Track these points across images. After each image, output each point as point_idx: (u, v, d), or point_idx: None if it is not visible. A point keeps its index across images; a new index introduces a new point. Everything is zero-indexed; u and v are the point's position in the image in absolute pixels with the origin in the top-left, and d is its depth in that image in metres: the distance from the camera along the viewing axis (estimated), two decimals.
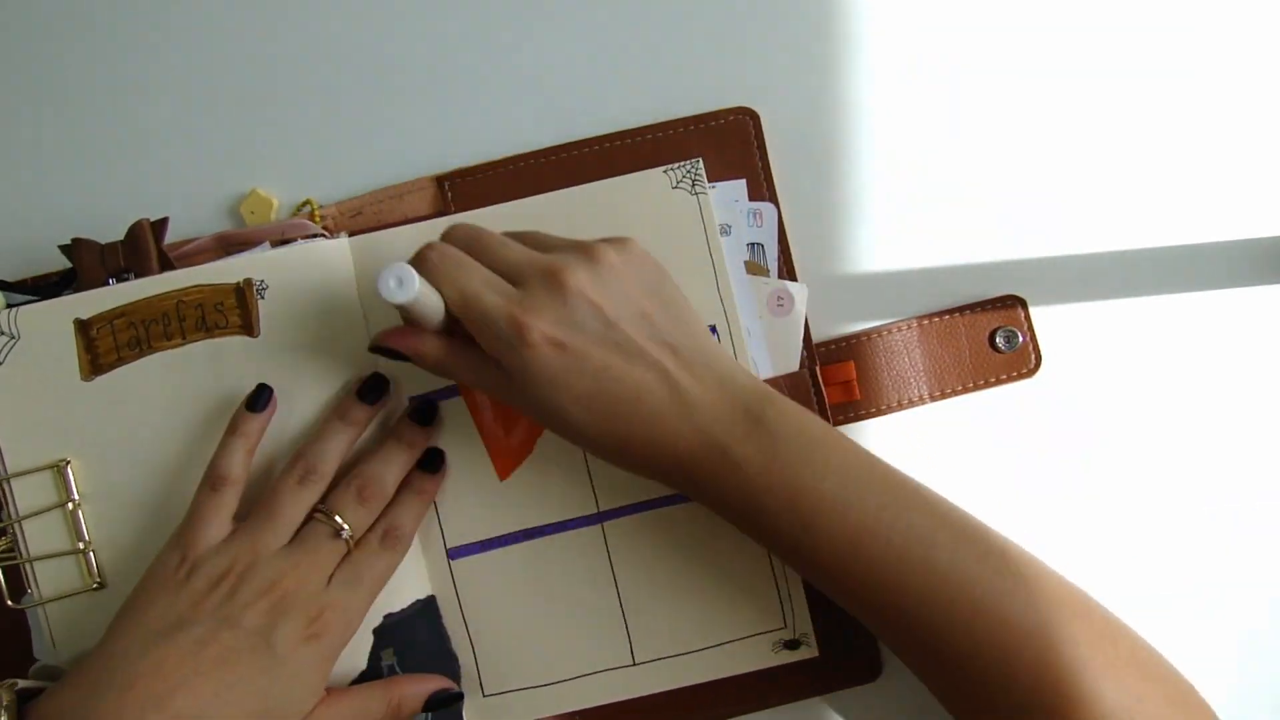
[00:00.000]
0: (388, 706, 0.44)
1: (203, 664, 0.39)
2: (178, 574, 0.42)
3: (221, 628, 0.40)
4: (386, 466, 0.45)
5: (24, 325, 0.46)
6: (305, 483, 0.44)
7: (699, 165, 0.48)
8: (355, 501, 0.44)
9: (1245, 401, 0.50)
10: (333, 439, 0.45)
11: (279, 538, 0.43)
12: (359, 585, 0.43)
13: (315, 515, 0.44)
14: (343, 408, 0.45)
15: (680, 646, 0.47)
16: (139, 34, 0.51)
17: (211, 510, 0.43)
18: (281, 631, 0.41)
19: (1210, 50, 0.51)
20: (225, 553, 0.42)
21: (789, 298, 0.48)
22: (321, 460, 0.44)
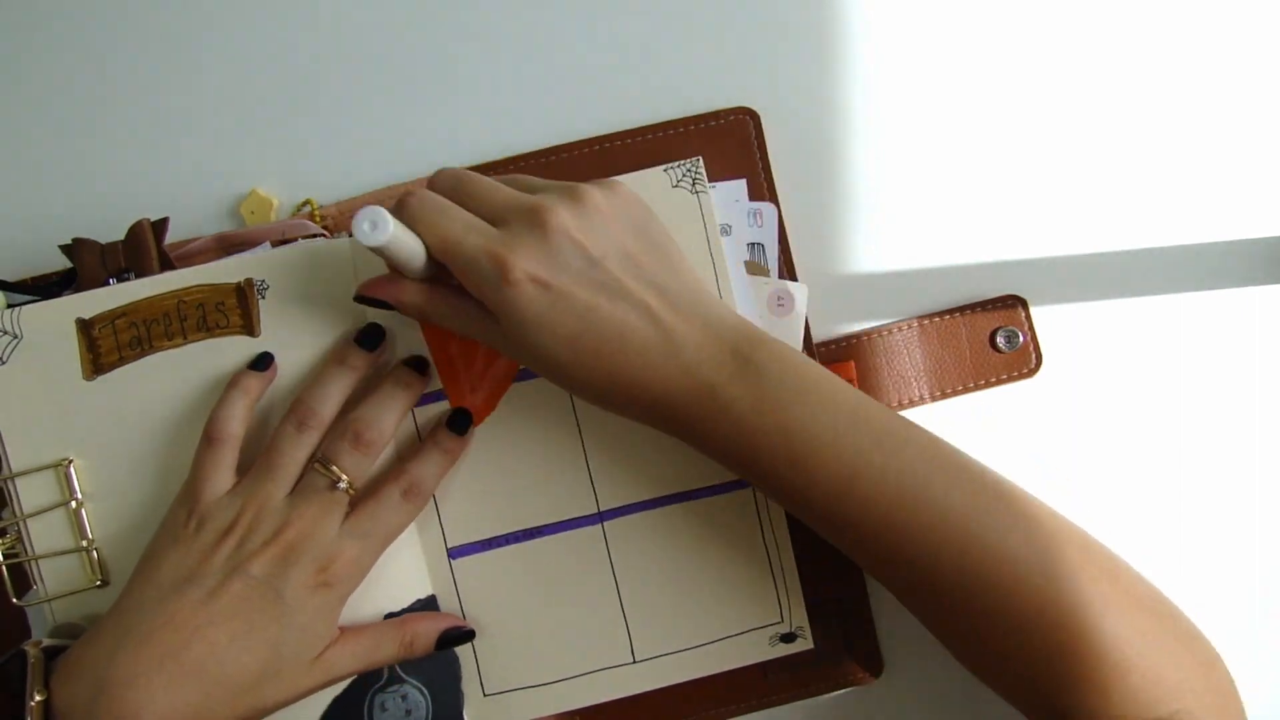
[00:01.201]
0: (399, 644, 0.45)
1: (215, 614, 0.40)
2: (186, 528, 0.42)
3: (231, 578, 0.41)
4: (382, 409, 0.45)
5: (27, 325, 0.46)
6: (303, 429, 0.44)
7: (699, 164, 0.48)
8: (351, 448, 0.43)
9: (1245, 401, 0.50)
10: (330, 383, 0.45)
11: (281, 486, 0.43)
12: (371, 536, 0.43)
13: (314, 465, 0.43)
14: (340, 352, 0.45)
15: (679, 643, 0.48)
16: (139, 34, 0.51)
17: (212, 465, 0.43)
18: (290, 579, 0.41)
19: (1210, 51, 0.51)
20: (231, 505, 0.43)
21: (789, 298, 0.48)
22: (319, 404, 0.44)
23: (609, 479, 0.47)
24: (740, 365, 0.40)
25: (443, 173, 0.43)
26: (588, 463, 0.47)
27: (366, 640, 0.44)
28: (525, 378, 0.47)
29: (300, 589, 0.42)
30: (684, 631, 0.48)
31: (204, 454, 0.44)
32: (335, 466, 0.43)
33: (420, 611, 0.46)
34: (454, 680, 0.47)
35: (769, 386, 0.40)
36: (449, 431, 0.46)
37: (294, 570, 0.42)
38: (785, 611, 0.48)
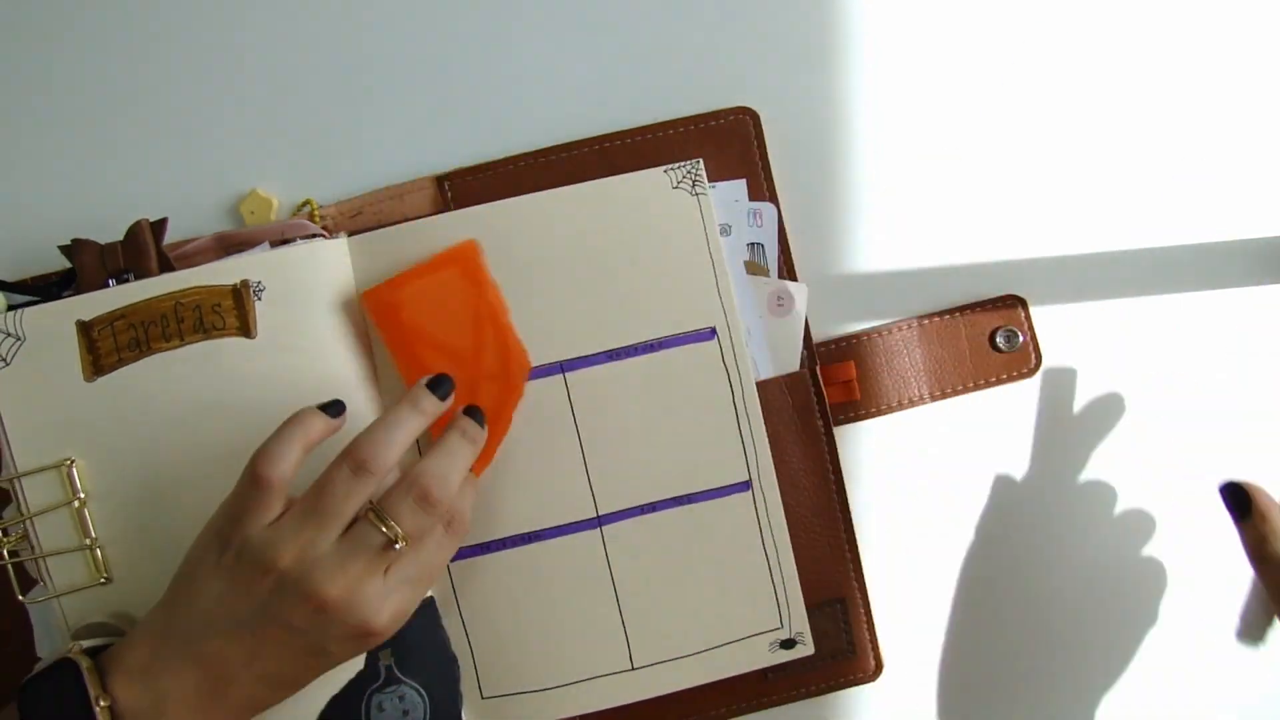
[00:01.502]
0: None
1: (257, 654, 0.39)
2: (223, 556, 0.40)
3: (269, 623, 0.39)
4: (451, 463, 0.41)
5: (29, 326, 0.47)
6: (360, 474, 0.39)
7: (699, 165, 0.48)
8: (416, 505, 0.40)
9: (1245, 401, 0.50)
10: (398, 428, 0.41)
11: (329, 534, 0.39)
12: (417, 582, 0.40)
13: (368, 516, 0.39)
14: (414, 395, 0.42)
15: (679, 650, 0.48)
16: (139, 34, 0.51)
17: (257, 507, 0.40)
18: (329, 633, 0.39)
19: (1210, 51, 0.51)
20: (271, 546, 0.39)
21: (789, 298, 0.48)
22: (382, 450, 0.40)
23: (608, 483, 0.47)
24: None
25: None
26: (586, 467, 0.47)
27: None
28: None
29: (339, 641, 0.39)
30: (683, 638, 0.48)
31: (249, 492, 0.40)
32: (394, 523, 0.39)
33: None
34: (452, 682, 0.47)
35: None
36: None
37: (333, 626, 0.39)
38: (785, 617, 0.48)
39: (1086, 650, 0.50)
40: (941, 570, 0.50)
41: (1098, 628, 0.50)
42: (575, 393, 0.47)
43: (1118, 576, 0.50)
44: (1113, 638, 0.50)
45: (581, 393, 0.47)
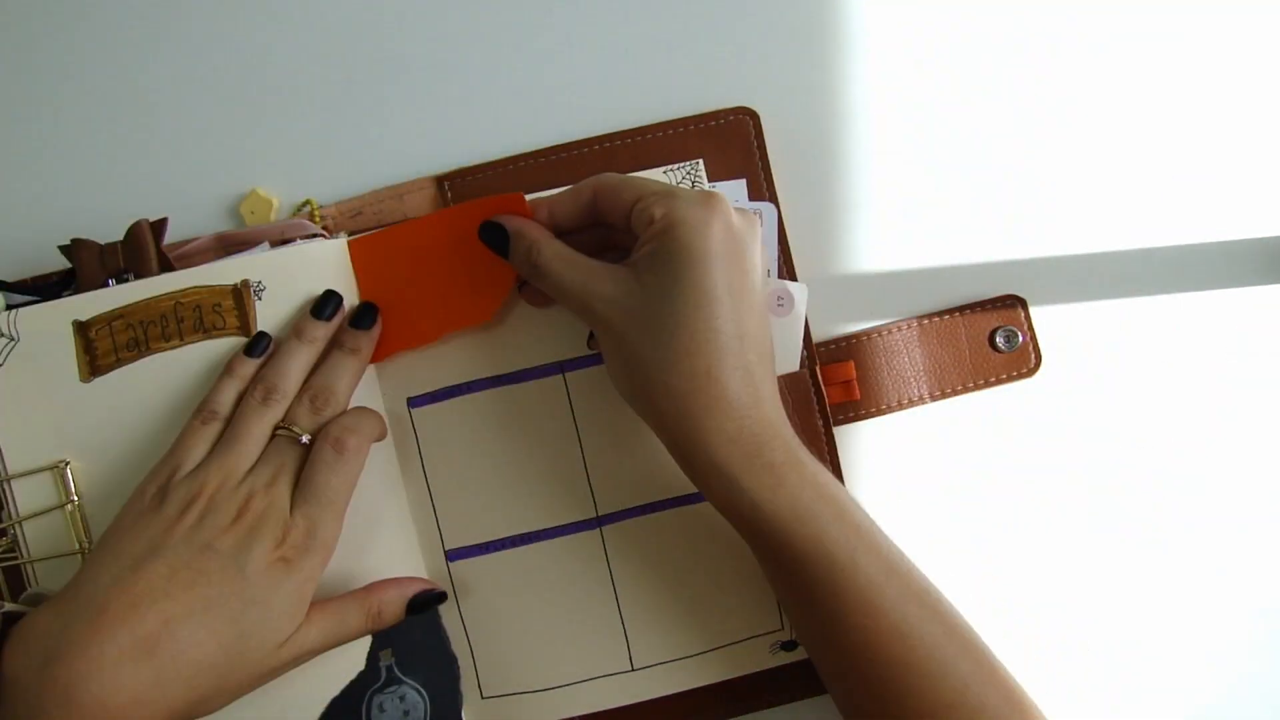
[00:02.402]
0: (367, 615, 0.44)
1: (174, 588, 0.39)
2: (153, 501, 0.42)
3: (193, 552, 0.40)
4: (335, 374, 0.45)
5: (23, 327, 0.46)
6: (267, 401, 0.44)
7: (699, 166, 0.48)
8: (310, 411, 0.44)
9: (1245, 401, 0.50)
10: (291, 358, 0.45)
11: (246, 458, 0.43)
12: (319, 498, 0.43)
13: (278, 431, 0.44)
14: (299, 326, 0.46)
15: (679, 651, 0.47)
16: (139, 34, 0.51)
17: (194, 436, 0.44)
18: (253, 554, 0.41)
19: (1210, 51, 0.51)
20: (196, 477, 0.42)
21: (789, 298, 0.48)
22: (282, 378, 0.45)
23: (607, 483, 0.47)
24: (800, 442, 0.42)
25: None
26: (586, 467, 0.47)
27: (331, 614, 0.43)
28: (524, 379, 0.47)
29: (261, 565, 0.41)
30: (683, 639, 0.47)
31: (191, 427, 0.44)
32: (295, 426, 0.44)
33: (386, 580, 0.46)
34: (453, 682, 0.47)
35: (821, 467, 0.42)
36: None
37: (255, 544, 0.41)
38: (786, 619, 0.48)
39: (1087, 650, 0.50)
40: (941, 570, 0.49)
41: (1098, 628, 0.50)
42: (575, 393, 0.47)
43: (1118, 576, 0.50)
44: (1113, 638, 0.50)
45: (581, 392, 0.47)
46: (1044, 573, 0.50)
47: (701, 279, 0.40)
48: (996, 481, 0.50)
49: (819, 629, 0.42)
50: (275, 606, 0.41)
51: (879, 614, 0.40)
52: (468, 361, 0.47)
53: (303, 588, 0.42)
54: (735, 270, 0.41)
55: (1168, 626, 0.50)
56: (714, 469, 0.41)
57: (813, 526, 0.40)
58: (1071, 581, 0.50)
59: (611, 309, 0.41)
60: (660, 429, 0.42)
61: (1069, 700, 0.49)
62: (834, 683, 0.43)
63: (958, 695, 0.40)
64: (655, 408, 0.41)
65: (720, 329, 0.40)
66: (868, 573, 0.40)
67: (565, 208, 0.44)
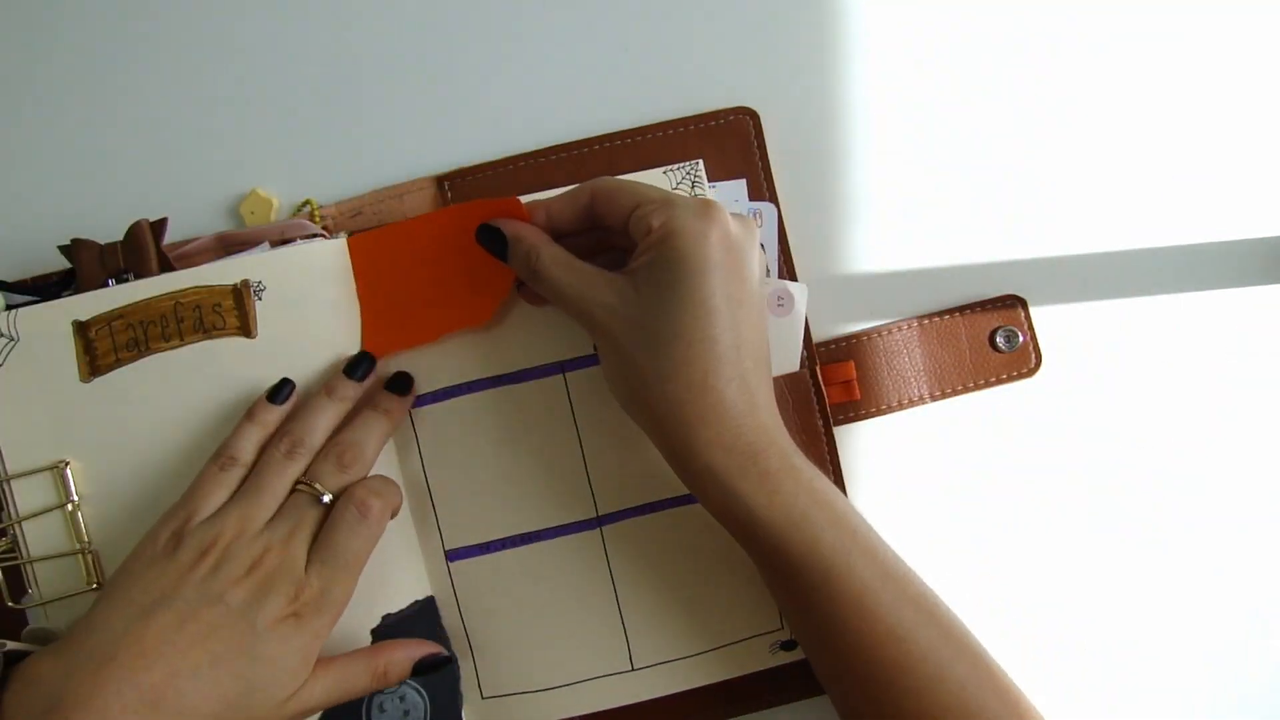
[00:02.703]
0: (372, 674, 0.44)
1: (183, 640, 0.39)
2: (167, 546, 0.42)
3: (204, 604, 0.40)
4: (365, 432, 0.45)
5: (23, 327, 0.46)
6: (292, 455, 0.44)
7: (699, 166, 0.48)
8: (336, 468, 0.44)
9: (1245, 401, 0.50)
10: (320, 414, 0.45)
11: (265, 510, 0.43)
12: (336, 559, 0.42)
13: (298, 487, 0.44)
14: (331, 385, 0.45)
15: (679, 651, 0.47)
16: (139, 34, 0.51)
17: (213, 483, 0.43)
18: (264, 610, 0.40)
19: (1210, 51, 0.51)
20: (212, 526, 0.42)
21: (789, 298, 0.48)
22: (308, 434, 0.44)
23: (608, 483, 0.47)
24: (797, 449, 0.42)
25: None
26: (586, 467, 0.47)
27: (337, 672, 0.43)
28: (524, 379, 0.47)
29: (272, 619, 0.40)
30: (683, 639, 0.47)
31: (208, 475, 0.43)
32: (318, 484, 0.43)
33: (394, 640, 0.45)
34: (452, 682, 0.47)
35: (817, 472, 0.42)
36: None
37: (268, 600, 0.41)
38: (785, 620, 0.48)
39: (1086, 650, 0.50)
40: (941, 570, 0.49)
41: (1097, 628, 0.50)
42: (575, 392, 0.47)
43: (1117, 576, 0.50)
44: (1113, 638, 0.50)
45: (582, 392, 0.47)
46: (1044, 573, 0.50)
47: (698, 289, 0.40)
48: (996, 481, 0.50)
49: (815, 632, 0.42)
50: (282, 663, 0.41)
51: (874, 618, 0.40)
52: (468, 361, 0.47)
53: (310, 645, 0.42)
54: (733, 279, 0.41)
55: (1167, 626, 0.50)
56: (709, 476, 0.41)
57: (808, 532, 0.40)
58: (1071, 581, 0.50)
59: (610, 317, 0.41)
60: (656, 436, 0.42)
61: (1068, 700, 0.49)
62: (831, 685, 0.43)
63: (954, 698, 0.40)
64: (651, 415, 0.41)
65: (717, 338, 0.40)
66: (863, 577, 0.40)
67: (563, 211, 0.44)
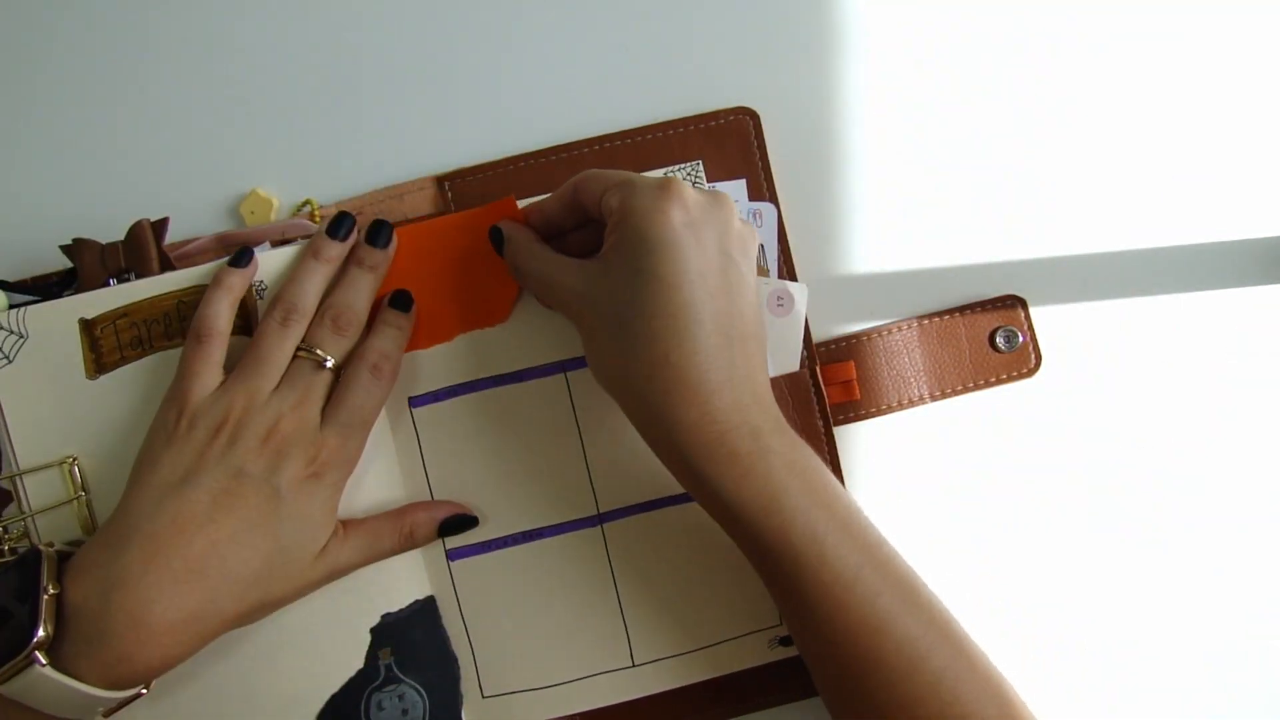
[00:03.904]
0: (400, 535, 0.46)
1: (216, 512, 0.42)
2: (178, 428, 0.43)
3: (228, 476, 0.42)
4: (354, 292, 0.46)
5: (32, 324, 0.47)
6: (287, 323, 0.45)
7: (699, 168, 0.48)
8: (332, 332, 0.45)
9: (1245, 401, 0.50)
10: (309, 277, 0.46)
11: (269, 380, 0.44)
12: (351, 422, 0.44)
13: (298, 353, 0.45)
14: (315, 246, 0.46)
15: (679, 646, 0.48)
16: (139, 34, 0.51)
17: (200, 361, 0.44)
18: (285, 474, 0.42)
19: (1210, 51, 0.51)
20: (221, 401, 0.43)
21: (789, 298, 0.48)
22: (300, 298, 0.45)
23: (608, 480, 0.47)
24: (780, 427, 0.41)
25: None
26: (587, 464, 0.47)
27: (367, 533, 0.45)
28: (525, 378, 0.47)
29: (294, 481, 0.43)
30: (683, 635, 0.48)
31: (191, 351, 0.44)
32: (319, 350, 0.45)
33: (420, 502, 0.47)
34: (452, 681, 0.47)
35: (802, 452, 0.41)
36: (396, 310, 0.47)
37: (287, 463, 0.43)
38: None
39: (1085, 650, 0.50)
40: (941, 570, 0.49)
41: (1097, 628, 0.50)
42: (576, 391, 0.47)
43: (1117, 576, 0.50)
44: (1112, 638, 0.50)
45: (583, 391, 0.47)
46: (1043, 573, 0.50)
47: (657, 265, 0.40)
48: (996, 481, 0.50)
49: (793, 618, 0.42)
50: (310, 520, 0.43)
51: (847, 608, 0.40)
52: (469, 361, 0.48)
53: (331, 499, 0.44)
54: (696, 253, 0.40)
55: (1167, 626, 0.50)
56: (677, 457, 0.41)
57: (779, 518, 0.40)
58: (1071, 581, 0.50)
59: (580, 301, 0.42)
60: (632, 420, 0.42)
61: (1067, 700, 0.49)
62: (814, 671, 0.43)
63: (930, 689, 0.40)
64: (620, 396, 0.42)
65: (676, 314, 0.40)
66: (836, 567, 0.40)
67: (554, 207, 0.45)
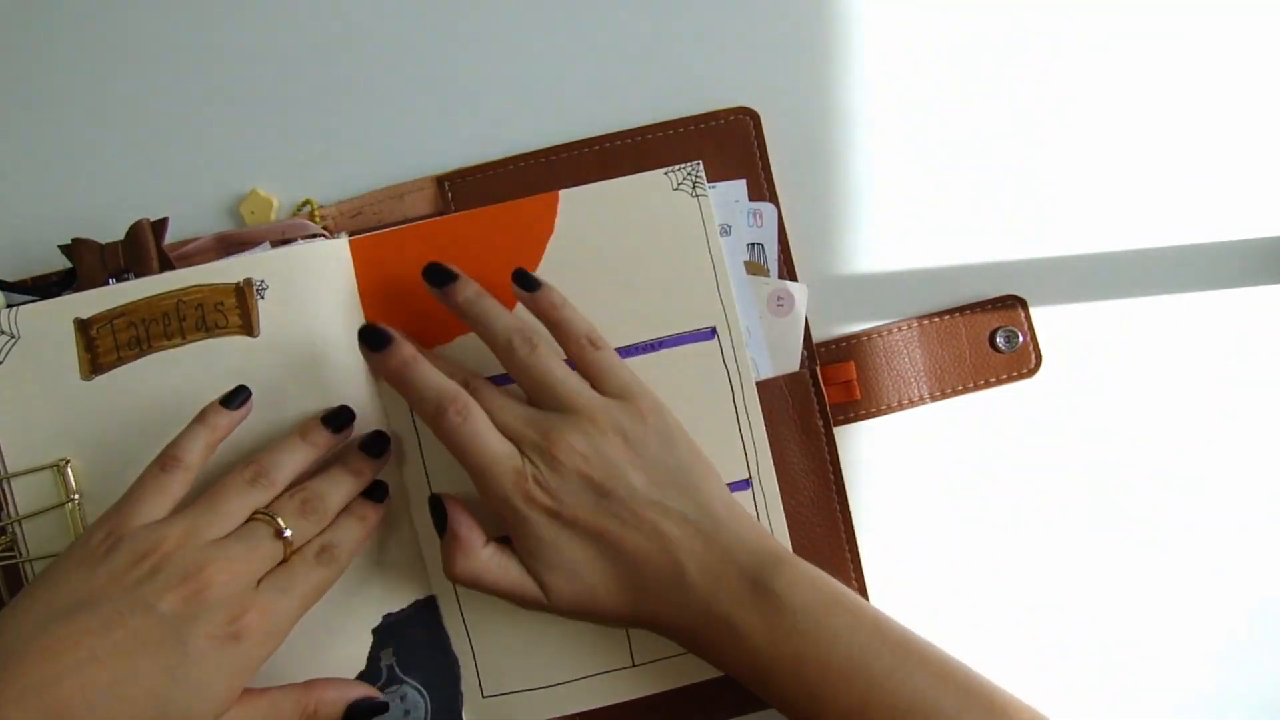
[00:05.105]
0: (302, 712, 0.41)
1: (101, 649, 0.36)
2: (98, 549, 0.39)
3: (132, 610, 0.37)
4: (332, 487, 0.43)
5: (24, 325, 0.46)
6: (255, 484, 0.42)
7: (699, 167, 0.48)
8: (297, 513, 0.42)
9: (1245, 401, 0.50)
10: (289, 452, 0.43)
11: (217, 528, 0.40)
12: (289, 593, 0.40)
13: (257, 516, 0.41)
14: (305, 427, 0.44)
15: (679, 647, 0.47)
16: (139, 34, 0.51)
17: (154, 489, 0.41)
18: (198, 626, 0.37)
19: (1210, 51, 0.51)
20: (156, 531, 0.39)
21: (789, 298, 0.48)
22: (275, 467, 0.42)
23: None
24: (758, 596, 0.41)
25: (468, 377, 0.45)
26: None
27: (264, 705, 0.40)
28: None
29: (205, 639, 0.37)
30: None
31: (149, 476, 0.41)
32: (280, 519, 0.41)
33: (329, 679, 0.44)
34: (453, 681, 0.47)
35: (785, 615, 0.41)
36: (366, 500, 0.45)
37: (204, 615, 0.38)
38: None
39: (1085, 650, 0.50)
40: (942, 570, 0.50)
41: (1097, 628, 0.50)
42: None
43: (1118, 576, 0.50)
44: (1113, 638, 0.50)
45: None
46: (1043, 572, 0.50)
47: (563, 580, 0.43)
48: (996, 481, 0.50)
49: None
50: (207, 689, 0.38)
51: None
52: (468, 361, 0.47)
53: (241, 674, 0.39)
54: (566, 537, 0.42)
55: (1167, 626, 0.50)
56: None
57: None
58: (1071, 581, 0.50)
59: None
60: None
61: (1068, 700, 0.49)
62: None
63: None
64: None
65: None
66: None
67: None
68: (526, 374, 0.44)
